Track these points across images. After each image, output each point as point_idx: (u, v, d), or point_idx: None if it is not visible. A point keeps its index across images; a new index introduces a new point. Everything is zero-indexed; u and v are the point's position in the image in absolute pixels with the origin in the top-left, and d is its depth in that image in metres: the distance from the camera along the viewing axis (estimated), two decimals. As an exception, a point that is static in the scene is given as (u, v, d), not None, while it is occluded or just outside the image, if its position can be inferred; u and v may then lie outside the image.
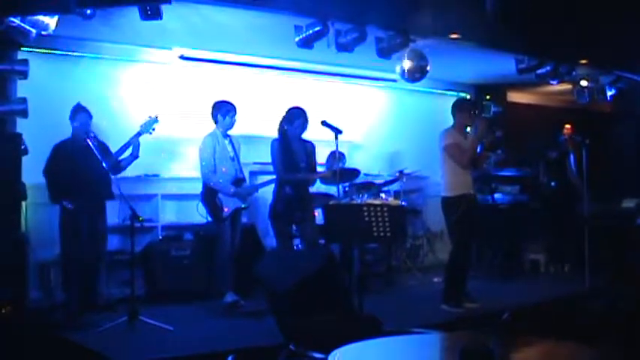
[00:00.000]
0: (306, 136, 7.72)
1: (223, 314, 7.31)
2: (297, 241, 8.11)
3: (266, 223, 9.30)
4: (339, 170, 7.18)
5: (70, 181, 7.05)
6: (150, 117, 7.41)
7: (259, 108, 9.30)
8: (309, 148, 7.72)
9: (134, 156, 7.38)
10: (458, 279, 7.54)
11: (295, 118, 7.55)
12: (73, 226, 7.10)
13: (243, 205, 7.67)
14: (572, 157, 10.20)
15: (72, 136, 7.26)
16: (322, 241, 8.19)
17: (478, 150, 7.94)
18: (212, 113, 7.68)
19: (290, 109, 7.63)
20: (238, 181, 7.62)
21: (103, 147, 7.19)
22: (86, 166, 6.93)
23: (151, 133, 7.38)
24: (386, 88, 10.87)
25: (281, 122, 7.63)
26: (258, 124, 9.07)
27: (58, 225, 7.15)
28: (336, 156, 7.21)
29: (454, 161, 7.41)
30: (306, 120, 7.58)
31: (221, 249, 7.52)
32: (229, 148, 7.68)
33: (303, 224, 7.70)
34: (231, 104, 7.69)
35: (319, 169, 8.14)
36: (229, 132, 7.73)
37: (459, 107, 7.66)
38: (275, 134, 7.64)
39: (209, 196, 7.55)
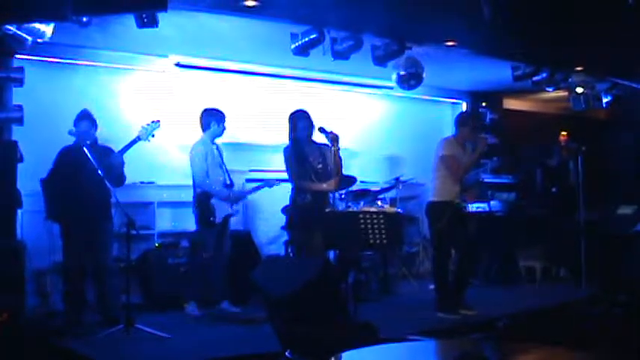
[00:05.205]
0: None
1: (220, 321, 7.30)
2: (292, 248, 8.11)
3: (262, 230, 9.33)
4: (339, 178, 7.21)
5: (69, 194, 6.87)
6: (150, 122, 7.13)
7: (255, 115, 9.28)
8: (324, 150, 7.42)
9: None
10: (447, 285, 7.57)
11: (298, 120, 7.49)
12: (69, 236, 7.01)
13: (231, 212, 7.66)
14: (571, 163, 10.22)
15: (74, 144, 6.98)
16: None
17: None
18: (204, 120, 7.68)
19: (291, 114, 7.56)
20: (227, 187, 7.62)
21: (104, 152, 7.00)
22: (87, 175, 6.81)
23: (149, 141, 7.13)
24: (382, 96, 10.86)
25: (289, 129, 7.56)
26: (254, 131, 9.06)
27: (60, 235, 7.04)
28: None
29: (449, 172, 7.51)
30: (309, 121, 7.47)
31: (203, 255, 7.52)
32: (217, 154, 7.70)
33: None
34: (223, 112, 7.71)
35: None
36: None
37: (462, 122, 7.84)
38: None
39: (202, 202, 7.51)
